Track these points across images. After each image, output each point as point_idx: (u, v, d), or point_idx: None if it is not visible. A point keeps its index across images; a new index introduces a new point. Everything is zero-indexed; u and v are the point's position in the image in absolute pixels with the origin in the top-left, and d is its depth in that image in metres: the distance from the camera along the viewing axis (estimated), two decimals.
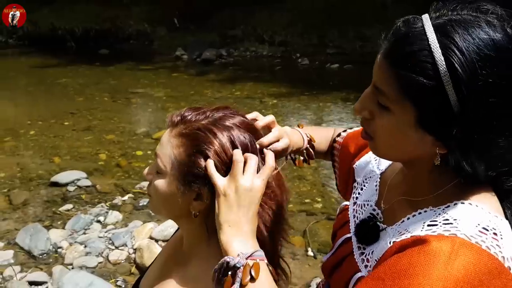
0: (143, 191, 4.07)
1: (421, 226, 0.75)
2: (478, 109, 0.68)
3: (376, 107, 0.78)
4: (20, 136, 5.79)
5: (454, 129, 0.69)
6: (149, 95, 8.01)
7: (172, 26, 13.88)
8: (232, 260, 0.77)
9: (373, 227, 0.88)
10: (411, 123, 0.73)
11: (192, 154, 0.85)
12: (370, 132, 0.82)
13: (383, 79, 0.75)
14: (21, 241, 3.23)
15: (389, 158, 0.89)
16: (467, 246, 0.68)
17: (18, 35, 15.35)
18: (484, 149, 0.71)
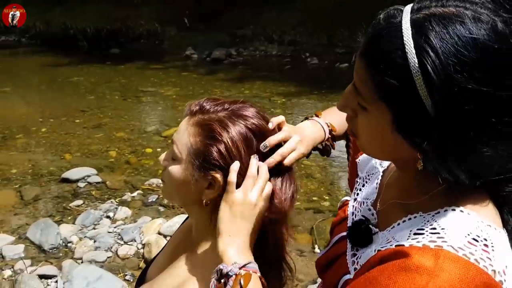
0: (152, 188, 4.11)
1: (408, 234, 0.70)
2: (454, 116, 0.62)
3: (357, 105, 0.74)
4: (32, 133, 5.86)
5: (430, 135, 0.64)
6: (159, 94, 8.06)
7: (182, 25, 13.93)
8: (225, 268, 0.79)
9: (365, 230, 0.83)
10: (388, 126, 0.69)
11: (207, 144, 0.86)
12: (354, 130, 0.79)
13: (359, 79, 0.72)
14: (32, 236, 3.28)
15: (375, 156, 0.85)
16: (453, 259, 0.62)
17: (31, 34, 15.53)
18: (462, 158, 0.65)
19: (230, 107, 0.91)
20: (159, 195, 3.92)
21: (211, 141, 0.87)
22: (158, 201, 3.85)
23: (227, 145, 0.86)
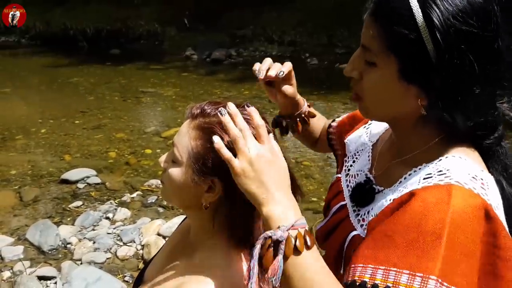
0: (152, 189, 4.11)
1: (418, 180, 0.80)
2: (453, 56, 0.74)
3: (364, 66, 0.83)
4: (31, 134, 5.87)
5: (433, 77, 0.76)
6: (159, 95, 8.06)
7: (182, 26, 13.94)
8: (273, 236, 0.71)
9: (369, 190, 0.92)
10: (395, 75, 0.79)
11: (208, 147, 0.86)
12: (359, 92, 0.87)
13: (369, 36, 0.81)
14: (31, 237, 3.28)
15: (377, 116, 0.92)
16: (462, 191, 0.74)
17: (31, 35, 15.53)
18: (460, 97, 0.77)
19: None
20: (159, 196, 3.92)
21: (211, 145, 0.86)
22: (157, 202, 3.85)
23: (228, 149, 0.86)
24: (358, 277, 0.74)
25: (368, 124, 1.11)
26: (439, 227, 0.71)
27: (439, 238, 0.70)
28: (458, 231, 0.71)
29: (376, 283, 0.72)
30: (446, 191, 0.73)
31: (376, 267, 0.73)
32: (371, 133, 1.08)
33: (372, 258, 0.75)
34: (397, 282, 0.71)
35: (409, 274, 0.71)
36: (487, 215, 0.73)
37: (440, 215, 0.71)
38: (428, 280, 0.69)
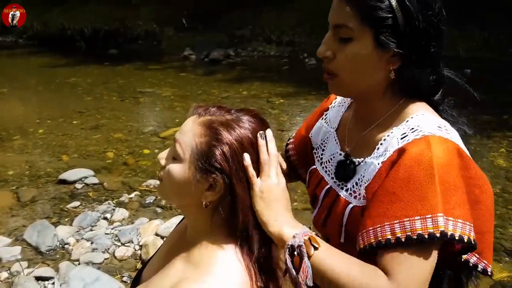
0: (150, 189, 4.10)
1: (396, 141, 0.93)
2: (419, 21, 0.89)
3: (337, 44, 0.94)
4: (29, 135, 5.85)
5: (403, 41, 0.90)
6: (157, 95, 8.05)
7: (180, 26, 13.93)
8: (293, 242, 0.84)
9: (350, 164, 1.03)
10: (371, 45, 0.91)
11: (212, 145, 0.86)
12: (333, 69, 0.97)
13: (343, 14, 0.92)
14: (28, 237, 3.26)
15: (350, 90, 1.01)
16: (436, 138, 0.87)
17: (28, 35, 15.51)
18: (425, 54, 0.92)
19: (237, 114, 0.93)
20: (157, 196, 3.91)
21: (215, 142, 0.87)
22: (155, 202, 3.84)
23: (232, 148, 0.87)
24: (381, 237, 0.85)
25: (325, 115, 1.22)
26: (430, 171, 0.84)
27: (432, 179, 0.83)
28: (445, 170, 0.84)
29: (398, 236, 0.83)
30: (425, 141, 0.87)
31: (392, 223, 0.84)
32: (330, 121, 1.18)
33: (385, 216, 0.86)
34: (414, 229, 0.82)
35: (421, 218, 0.83)
36: (459, 153, 0.88)
37: (428, 161, 0.84)
38: (437, 218, 0.82)
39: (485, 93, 5.91)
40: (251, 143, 0.89)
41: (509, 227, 3.31)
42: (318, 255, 0.83)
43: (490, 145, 5.00)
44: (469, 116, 1.10)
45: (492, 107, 6.42)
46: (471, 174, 0.89)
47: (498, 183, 4.03)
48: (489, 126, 5.67)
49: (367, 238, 0.87)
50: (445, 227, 0.82)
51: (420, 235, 0.82)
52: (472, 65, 9.01)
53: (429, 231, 0.82)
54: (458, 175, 0.87)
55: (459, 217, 0.84)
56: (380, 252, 0.85)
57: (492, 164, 4.48)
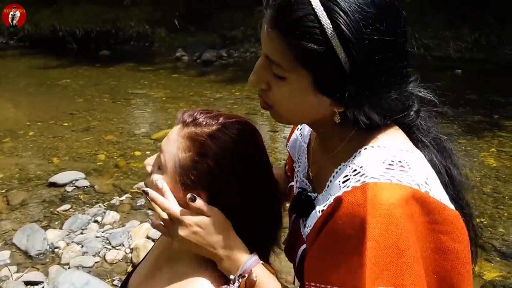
0: (141, 192, 4.07)
1: (339, 185, 0.77)
2: (368, 66, 0.71)
3: (272, 77, 0.78)
4: (19, 137, 5.79)
5: (348, 87, 0.72)
6: (149, 96, 8.01)
7: (172, 27, 13.88)
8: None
9: (305, 199, 0.89)
10: (308, 88, 0.75)
11: (195, 161, 0.85)
12: (269, 102, 0.82)
13: (274, 49, 0.75)
14: (18, 242, 3.23)
15: (292, 123, 0.92)
16: (378, 186, 0.71)
17: (19, 36, 15.38)
18: (376, 103, 0.75)
19: (224, 123, 0.88)
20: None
21: (199, 158, 0.85)
22: (147, 205, 3.81)
23: (216, 163, 0.84)
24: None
25: (300, 126, 1.09)
26: (360, 235, 0.68)
27: (361, 246, 0.68)
28: (382, 232, 0.68)
29: None
30: (361, 193, 0.71)
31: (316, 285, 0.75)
32: (303, 134, 1.06)
33: (312, 274, 0.77)
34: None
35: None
36: (414, 198, 0.71)
37: (359, 220, 0.69)
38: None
39: (475, 94, 6.03)
40: (238, 155, 0.86)
41: (499, 227, 3.33)
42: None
43: (481, 145, 5.03)
44: (459, 117, 1.04)
45: (483, 107, 6.46)
46: (435, 219, 0.73)
47: (488, 183, 4.05)
48: (479, 126, 5.70)
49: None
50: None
51: None
52: (463, 66, 9.07)
53: None
54: (406, 231, 0.69)
55: (402, 287, 0.68)
56: None
57: (483, 163, 4.50)
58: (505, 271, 2.83)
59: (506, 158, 4.64)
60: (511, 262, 2.92)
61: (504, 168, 4.38)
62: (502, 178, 4.14)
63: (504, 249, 3.05)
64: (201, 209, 0.83)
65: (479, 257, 3.07)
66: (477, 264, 2.79)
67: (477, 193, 3.87)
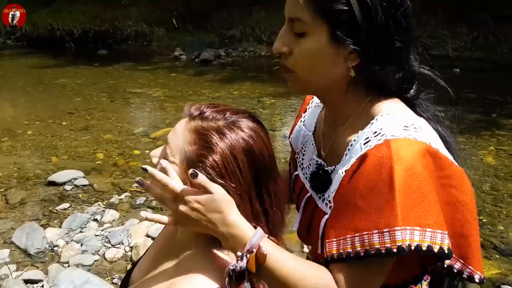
0: (140, 190, 4.07)
1: (359, 148, 0.86)
2: (377, 16, 0.82)
3: (293, 39, 0.88)
4: (17, 136, 5.79)
5: (361, 36, 0.83)
6: (147, 95, 8.01)
7: (171, 26, 13.87)
8: (235, 267, 0.80)
9: (324, 174, 0.96)
10: (326, 40, 0.85)
11: (202, 155, 0.85)
12: (290, 65, 0.91)
13: (297, 7, 0.85)
14: (17, 240, 3.23)
15: (309, 87, 0.96)
16: (399, 141, 0.81)
17: (17, 36, 15.35)
18: (386, 50, 0.86)
19: (231, 118, 0.89)
20: (147, 197, 3.89)
21: (205, 152, 0.85)
22: (146, 204, 3.82)
23: (222, 156, 0.85)
24: (342, 250, 0.83)
25: (303, 117, 1.17)
26: (389, 180, 0.79)
27: (391, 189, 0.78)
28: (408, 177, 0.79)
29: (358, 250, 0.81)
30: (386, 147, 0.81)
31: (353, 236, 0.82)
32: (307, 124, 1.13)
33: (346, 228, 0.83)
34: (372, 243, 0.80)
35: (378, 232, 0.79)
36: (429, 153, 0.82)
37: (387, 169, 0.79)
38: (394, 232, 0.78)
39: (474, 92, 6.03)
40: (243, 150, 0.86)
41: (498, 225, 3.34)
42: (264, 269, 0.81)
43: (480, 143, 5.04)
44: (458, 114, 1.08)
45: (481, 106, 6.48)
46: (445, 173, 0.83)
47: (487, 181, 4.06)
48: (478, 124, 5.72)
49: (330, 249, 0.85)
50: (405, 242, 0.78)
51: (377, 250, 0.79)
52: (461, 65, 9.09)
53: (386, 245, 0.79)
54: (428, 181, 0.81)
55: (427, 226, 0.80)
56: (339, 262, 0.84)
57: (482, 162, 4.51)
58: (504, 268, 2.84)
59: (504, 156, 4.66)
60: (510, 260, 2.93)
61: (503, 166, 4.40)
62: (501, 176, 4.15)
63: (503, 247, 3.06)
64: (202, 185, 0.81)
65: None
66: None
67: (476, 191, 3.88)
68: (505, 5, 9.91)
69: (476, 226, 0.88)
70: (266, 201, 0.90)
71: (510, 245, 3.08)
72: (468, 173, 0.91)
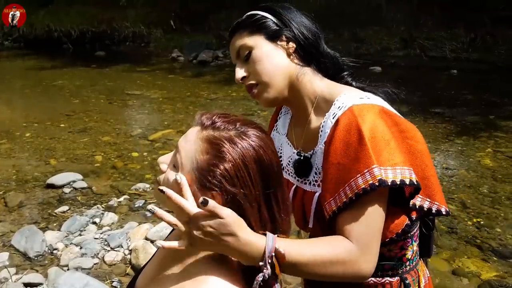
0: (139, 193, 4.08)
1: (330, 122, 1.06)
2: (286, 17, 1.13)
3: (245, 64, 1.13)
4: (15, 139, 5.78)
5: (286, 28, 1.11)
6: (145, 97, 8.01)
7: (168, 27, 13.88)
8: (262, 277, 0.85)
9: (305, 160, 1.15)
10: (265, 43, 1.11)
11: (213, 164, 0.86)
12: (252, 80, 1.13)
13: (238, 42, 1.13)
14: (16, 243, 3.23)
15: (274, 93, 1.13)
16: (359, 106, 1.01)
17: (14, 37, 15.34)
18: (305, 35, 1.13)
19: (241, 128, 0.90)
20: (146, 200, 3.89)
21: (217, 161, 0.86)
22: (145, 206, 3.82)
23: (234, 165, 0.86)
24: (339, 203, 0.98)
25: (275, 127, 1.34)
26: (358, 134, 0.97)
27: (362, 140, 0.96)
28: (371, 129, 0.97)
29: (350, 196, 0.96)
30: (350, 112, 1.01)
31: (344, 188, 0.98)
32: (280, 130, 1.31)
33: (337, 184, 0.99)
34: (358, 185, 0.96)
35: (360, 175, 0.96)
36: (384, 111, 1.01)
37: (355, 126, 0.98)
38: (373, 170, 0.95)
39: (471, 94, 6.04)
40: (254, 159, 0.88)
41: (496, 227, 3.35)
42: (289, 266, 0.90)
43: (477, 145, 5.06)
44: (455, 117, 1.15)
45: (479, 107, 6.50)
46: (401, 128, 1.02)
47: (485, 183, 4.08)
48: (475, 126, 5.74)
49: (329, 208, 1.00)
50: (383, 176, 0.94)
51: (363, 189, 0.94)
52: (458, 66, 9.13)
53: (369, 183, 0.94)
54: (386, 130, 0.98)
55: (395, 165, 0.97)
56: (340, 215, 0.99)
57: (479, 164, 4.53)
58: (502, 271, 2.85)
59: (502, 158, 4.68)
60: (508, 262, 2.94)
61: (501, 168, 4.42)
62: (499, 179, 4.17)
63: (501, 249, 3.07)
64: (214, 211, 0.83)
65: (476, 257, 3.08)
66: (474, 264, 2.84)
67: (473, 193, 3.90)
68: (503, 6, 9.94)
69: (433, 167, 1.08)
70: (274, 209, 0.92)
71: (508, 247, 3.09)
72: (466, 175, 0.96)
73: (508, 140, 5.20)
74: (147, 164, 4.83)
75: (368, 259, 0.95)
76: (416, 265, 1.17)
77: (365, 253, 0.94)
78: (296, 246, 0.91)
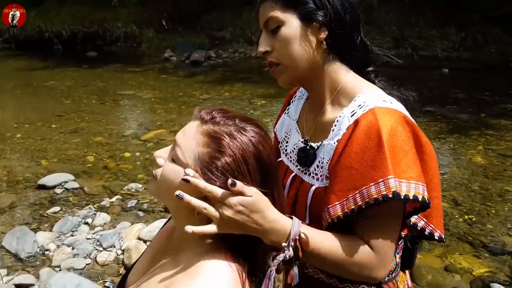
0: (131, 193, 4.06)
1: (347, 120, 1.01)
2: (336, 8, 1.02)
3: (271, 38, 1.05)
4: (6, 139, 5.73)
5: (324, 11, 1.01)
6: (138, 97, 7.98)
7: (160, 27, 13.84)
8: (284, 256, 0.88)
9: (310, 149, 1.10)
10: (297, 23, 1.02)
11: (215, 157, 0.87)
12: (274, 58, 1.06)
13: (269, 10, 1.04)
14: (7, 244, 3.20)
15: (294, 74, 1.07)
16: (382, 109, 0.96)
17: (4, 38, 15.22)
18: (344, 21, 1.03)
19: (241, 124, 0.91)
20: (139, 200, 3.88)
21: (218, 154, 0.87)
22: (137, 206, 3.80)
23: (234, 159, 0.87)
24: (347, 209, 0.93)
25: (287, 110, 1.30)
26: (378, 140, 0.92)
27: (381, 147, 0.91)
28: (392, 137, 0.92)
29: (360, 205, 0.92)
30: (372, 114, 0.95)
31: (354, 194, 0.93)
32: (292, 114, 1.26)
33: (347, 189, 0.94)
34: (370, 194, 0.91)
35: (374, 184, 0.91)
36: (405, 120, 0.96)
37: (375, 131, 0.92)
38: (388, 180, 0.90)
39: (462, 92, 6.08)
40: (254, 155, 0.89)
41: (487, 224, 3.38)
42: (309, 252, 0.91)
43: (468, 143, 5.10)
44: (446, 116, 1.14)
45: (470, 106, 6.55)
46: (421, 141, 0.97)
47: (476, 180, 4.11)
48: (466, 124, 5.78)
49: (334, 212, 0.96)
50: (397, 188, 0.90)
51: (375, 199, 0.90)
52: (450, 65, 9.19)
53: (382, 193, 0.90)
54: (406, 140, 0.93)
55: (411, 179, 0.92)
56: (355, 221, 0.96)
57: (470, 161, 4.57)
58: (493, 267, 2.87)
59: (493, 156, 4.71)
60: (499, 258, 2.96)
61: (492, 165, 4.45)
62: (490, 176, 4.20)
63: (492, 245, 3.09)
64: (242, 190, 0.86)
65: (468, 253, 3.10)
66: (466, 260, 2.86)
67: (465, 191, 3.93)
68: (493, 6, 10.02)
69: (439, 189, 1.04)
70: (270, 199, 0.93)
71: (499, 243, 3.12)
72: (457, 172, 0.96)
73: (498, 138, 5.24)
74: (140, 164, 4.81)
75: (385, 266, 0.96)
76: (395, 276, 1.13)
77: (383, 261, 0.95)
78: (319, 236, 0.94)
